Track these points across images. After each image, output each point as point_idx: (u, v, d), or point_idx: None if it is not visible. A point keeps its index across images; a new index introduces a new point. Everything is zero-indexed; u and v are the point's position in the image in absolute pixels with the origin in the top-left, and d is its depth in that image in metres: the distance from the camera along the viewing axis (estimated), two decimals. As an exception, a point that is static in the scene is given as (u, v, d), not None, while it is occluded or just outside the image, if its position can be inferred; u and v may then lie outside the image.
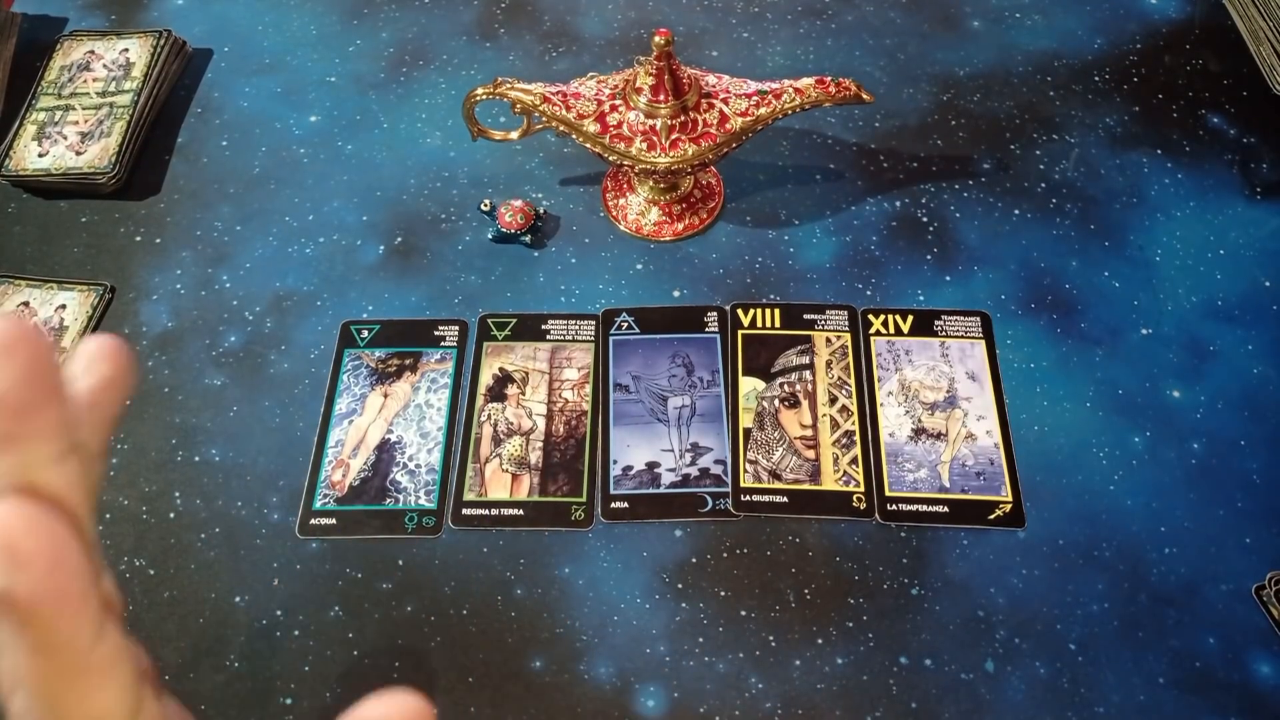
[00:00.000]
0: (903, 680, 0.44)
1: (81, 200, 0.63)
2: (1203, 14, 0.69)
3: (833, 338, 0.54)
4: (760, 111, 0.52)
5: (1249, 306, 0.55)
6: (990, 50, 0.67)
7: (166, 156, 0.65)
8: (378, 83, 0.67)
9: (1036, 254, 0.57)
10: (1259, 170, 0.60)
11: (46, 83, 0.66)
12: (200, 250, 0.60)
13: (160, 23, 0.71)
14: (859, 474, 0.50)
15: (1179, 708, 0.43)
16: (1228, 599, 0.46)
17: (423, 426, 0.52)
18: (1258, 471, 0.49)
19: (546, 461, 0.51)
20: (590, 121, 0.53)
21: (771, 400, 0.52)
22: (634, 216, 0.59)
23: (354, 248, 0.59)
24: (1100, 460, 0.50)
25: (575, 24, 0.70)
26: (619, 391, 0.53)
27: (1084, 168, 0.61)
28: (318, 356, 0.55)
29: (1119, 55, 0.67)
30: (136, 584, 0.48)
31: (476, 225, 0.60)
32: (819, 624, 0.46)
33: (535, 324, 0.55)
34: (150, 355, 0.56)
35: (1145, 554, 0.47)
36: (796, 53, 0.68)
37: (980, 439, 0.51)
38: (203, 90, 0.68)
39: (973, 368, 0.53)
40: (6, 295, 0.58)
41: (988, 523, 0.48)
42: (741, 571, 0.47)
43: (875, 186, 0.61)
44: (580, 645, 0.46)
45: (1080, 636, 0.45)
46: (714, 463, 0.50)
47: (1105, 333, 0.54)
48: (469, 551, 0.48)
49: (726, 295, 0.56)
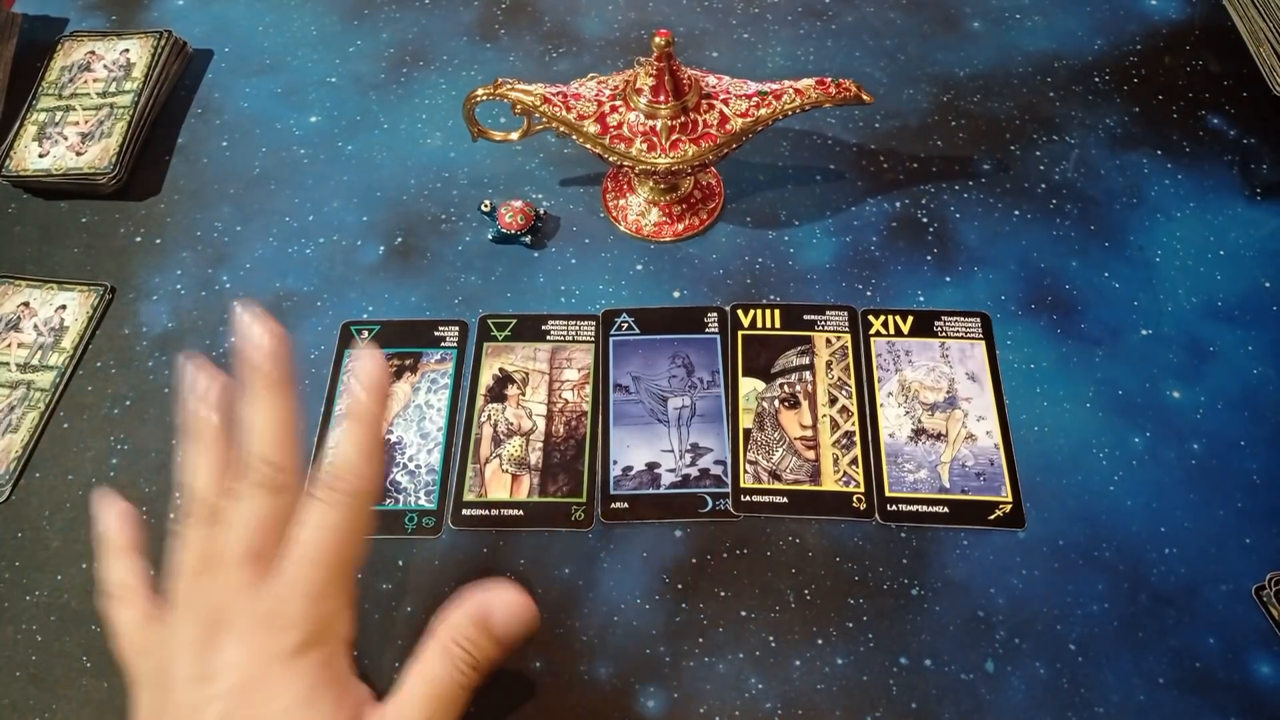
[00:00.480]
0: (903, 680, 0.44)
1: (81, 200, 0.63)
2: (1203, 15, 0.69)
3: (833, 338, 0.54)
4: (760, 112, 0.52)
5: (1249, 307, 0.55)
6: (990, 51, 0.67)
7: (167, 157, 0.65)
8: (378, 83, 0.68)
9: (1036, 254, 0.57)
10: (1259, 171, 0.61)
11: (47, 83, 0.67)
12: (200, 251, 0.60)
13: (160, 23, 0.71)
14: (859, 474, 0.50)
15: (1179, 708, 0.43)
16: (1228, 599, 0.46)
17: (423, 427, 0.52)
18: (1258, 472, 0.49)
19: (546, 462, 0.51)
20: (590, 122, 0.53)
21: (771, 401, 0.52)
22: (634, 217, 0.59)
23: (354, 248, 0.59)
24: (1100, 461, 0.50)
25: (575, 25, 0.70)
26: (619, 392, 0.53)
27: (1084, 168, 0.61)
28: (318, 357, 0.55)
29: (1119, 56, 0.67)
30: (136, 584, 0.48)
31: (476, 226, 0.60)
32: (819, 624, 0.46)
33: (535, 324, 0.55)
34: (150, 355, 0.56)
35: (1145, 554, 0.47)
36: (797, 54, 0.68)
37: (980, 439, 0.51)
38: (203, 91, 0.68)
39: (973, 368, 0.53)
40: (6, 295, 0.58)
41: (988, 523, 0.48)
42: (741, 572, 0.47)
43: (875, 187, 0.61)
44: (580, 646, 0.46)
45: (1080, 637, 0.45)
46: (714, 463, 0.50)
47: (1105, 333, 0.54)
48: (469, 552, 0.48)
49: (726, 296, 0.56)
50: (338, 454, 0.35)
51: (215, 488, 0.36)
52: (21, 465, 0.52)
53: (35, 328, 0.57)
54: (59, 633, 0.47)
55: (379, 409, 0.36)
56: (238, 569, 0.34)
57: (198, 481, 0.36)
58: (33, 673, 0.46)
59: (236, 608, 0.33)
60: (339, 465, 0.35)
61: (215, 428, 0.37)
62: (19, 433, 0.53)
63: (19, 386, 0.55)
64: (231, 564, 0.34)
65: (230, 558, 0.34)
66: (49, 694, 0.46)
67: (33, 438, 0.53)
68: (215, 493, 0.36)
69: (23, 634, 0.47)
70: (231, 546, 0.34)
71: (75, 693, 0.46)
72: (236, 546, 0.34)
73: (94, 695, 0.46)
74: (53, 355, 0.56)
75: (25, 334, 0.57)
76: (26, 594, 0.49)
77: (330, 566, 0.34)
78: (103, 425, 0.54)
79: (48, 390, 0.55)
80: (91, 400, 0.55)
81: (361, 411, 0.36)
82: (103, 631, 0.47)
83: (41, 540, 0.50)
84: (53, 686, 0.46)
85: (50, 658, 0.47)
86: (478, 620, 0.36)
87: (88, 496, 0.51)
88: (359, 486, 0.35)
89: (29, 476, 0.52)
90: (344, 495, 0.34)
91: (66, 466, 0.52)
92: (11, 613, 0.48)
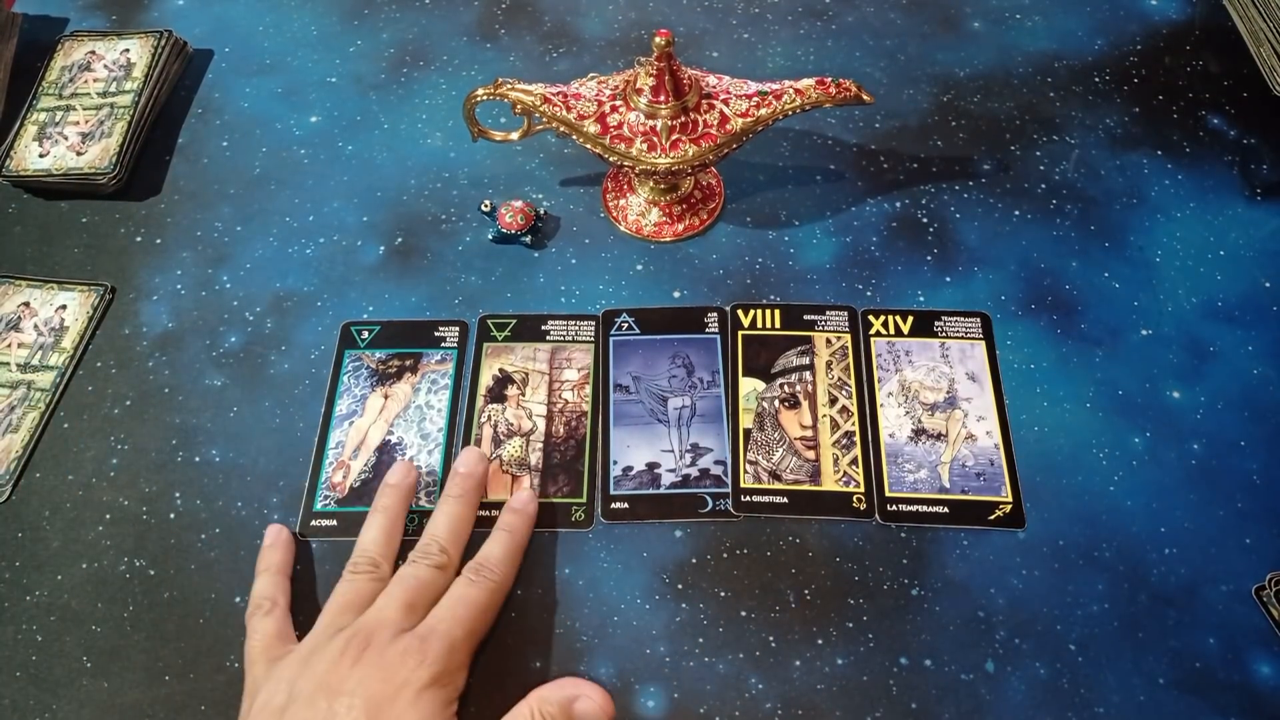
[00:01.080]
0: (903, 681, 0.44)
1: (82, 200, 0.63)
2: (1203, 15, 0.69)
3: (833, 338, 0.54)
4: (760, 112, 0.52)
5: (1249, 307, 0.55)
6: (990, 51, 0.67)
7: (167, 157, 0.65)
8: (378, 83, 0.68)
9: (1036, 255, 0.57)
10: (1259, 171, 0.61)
11: (47, 83, 0.67)
12: (200, 251, 0.60)
13: (161, 23, 0.71)
14: (859, 474, 0.50)
15: (1179, 708, 0.43)
16: (1228, 599, 0.46)
17: (423, 428, 0.52)
18: (1258, 472, 0.49)
19: (546, 462, 0.51)
20: (591, 122, 0.53)
21: (771, 401, 0.52)
22: (634, 217, 0.59)
23: (354, 248, 0.59)
24: (1100, 461, 0.50)
25: (576, 25, 0.70)
26: (619, 392, 0.53)
27: (1084, 168, 0.61)
28: (318, 357, 0.55)
29: (1119, 56, 0.67)
30: (137, 584, 0.48)
31: (477, 226, 0.60)
32: (819, 624, 0.46)
33: (535, 325, 0.55)
34: (150, 356, 0.56)
35: (1145, 554, 0.47)
36: (797, 54, 0.68)
37: (980, 439, 0.51)
38: (203, 91, 0.68)
39: (973, 368, 0.53)
40: (7, 295, 0.58)
41: (988, 523, 0.48)
42: (741, 572, 0.47)
43: (875, 187, 0.61)
44: (580, 645, 0.46)
45: (1080, 637, 0.45)
46: (714, 463, 0.50)
47: (1105, 333, 0.54)
48: (469, 552, 0.48)
49: (726, 296, 0.56)
50: (490, 549, 0.46)
51: (383, 556, 0.45)
52: (21, 465, 0.52)
53: (35, 328, 0.57)
54: (59, 633, 0.47)
55: (527, 529, 0.47)
56: (393, 611, 0.42)
57: (374, 548, 0.45)
58: (33, 673, 0.46)
59: (383, 637, 0.40)
60: (490, 557, 0.45)
61: (397, 507, 0.47)
62: (19, 433, 0.53)
63: (19, 386, 0.55)
64: (389, 606, 0.42)
65: (390, 600, 0.42)
66: (49, 694, 0.46)
67: (33, 438, 0.53)
68: (383, 559, 0.45)
69: (23, 634, 0.47)
70: (394, 593, 0.43)
71: (75, 693, 0.46)
72: (399, 594, 0.42)
73: (94, 695, 0.46)
74: (53, 355, 0.56)
75: (25, 334, 0.57)
76: (26, 594, 0.49)
77: (466, 631, 0.42)
78: (103, 425, 0.54)
79: (48, 390, 0.55)
80: (91, 400, 0.55)
81: (515, 527, 0.47)
82: (103, 631, 0.47)
83: (41, 540, 0.50)
84: (53, 686, 0.46)
85: (50, 658, 0.47)
86: (564, 703, 0.41)
87: (88, 496, 0.51)
88: (501, 578, 0.45)
89: (29, 476, 0.52)
90: (489, 581, 0.44)
91: (66, 466, 0.52)
92: (11, 613, 0.48)
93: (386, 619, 0.41)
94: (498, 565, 0.45)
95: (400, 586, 0.43)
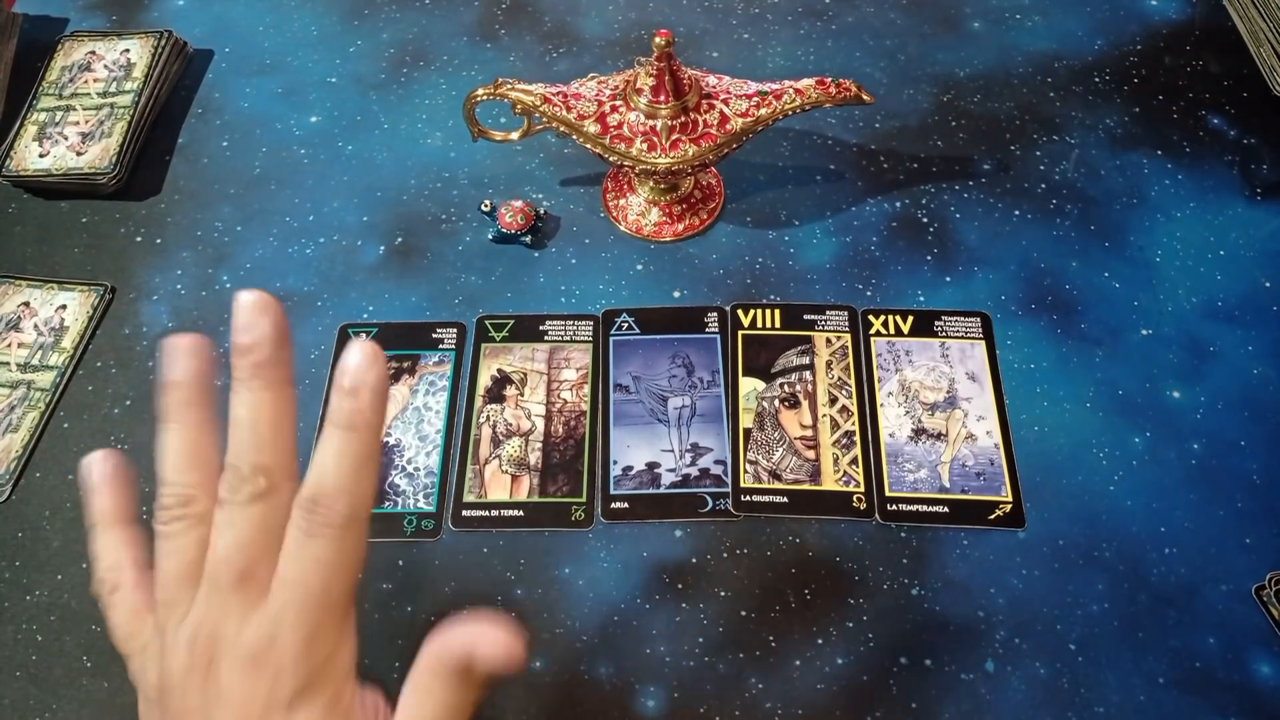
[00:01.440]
0: (903, 680, 0.44)
1: (82, 200, 0.63)
2: (1203, 15, 0.69)
3: (833, 338, 0.54)
4: (760, 112, 0.52)
5: (1249, 307, 0.55)
6: (990, 51, 0.67)
7: (167, 157, 0.65)
8: (378, 83, 0.68)
9: (1036, 254, 0.57)
10: (1259, 171, 0.60)
11: (47, 83, 0.67)
12: (200, 251, 0.60)
13: (161, 23, 0.71)
14: (859, 474, 0.50)
15: (1179, 708, 0.43)
16: (1228, 599, 0.46)
17: (421, 430, 0.52)
18: (1258, 472, 0.49)
19: (546, 462, 0.51)
20: (591, 122, 0.53)
21: (771, 400, 0.52)
22: (634, 217, 0.59)
23: (354, 248, 0.59)
24: (1100, 461, 0.50)
25: (576, 24, 0.70)
26: (619, 392, 0.53)
27: (1084, 168, 0.61)
28: (318, 357, 0.55)
29: (1119, 56, 0.67)
30: (136, 584, 0.48)
31: (477, 226, 0.60)
32: (819, 624, 0.46)
33: (533, 325, 0.55)
34: (150, 356, 0.56)
35: (1145, 554, 0.47)
36: (797, 54, 0.68)
37: (980, 439, 0.51)
38: (203, 91, 0.68)
39: (973, 368, 0.53)
40: (7, 295, 0.58)
41: (988, 523, 0.48)
42: (741, 572, 0.47)
43: (875, 187, 0.61)
44: (580, 645, 0.46)
45: (1080, 637, 0.45)
46: (714, 463, 0.50)
47: (1105, 333, 0.54)
48: (469, 552, 0.48)
49: (726, 296, 0.56)
50: (320, 470, 0.29)
51: (195, 483, 0.31)
52: (21, 465, 0.52)
53: (35, 327, 0.57)
54: (59, 633, 0.47)
55: (375, 416, 0.29)
56: (228, 593, 0.30)
57: (178, 476, 0.31)
58: (33, 673, 0.46)
59: (229, 641, 0.29)
60: (323, 486, 0.29)
61: (195, 409, 0.32)
62: (19, 432, 0.53)
63: (19, 386, 0.55)
64: (222, 587, 0.30)
65: (220, 580, 0.30)
66: (49, 694, 0.46)
67: (33, 438, 0.53)
68: (195, 487, 0.31)
69: (23, 634, 0.47)
70: (221, 569, 0.30)
71: (75, 693, 0.46)
72: (226, 569, 0.30)
73: (94, 695, 0.46)
74: (53, 355, 0.56)
75: (25, 334, 0.57)
76: (26, 594, 0.49)
77: (322, 607, 0.30)
78: (103, 425, 0.54)
79: (48, 390, 0.55)
80: (91, 400, 0.55)
81: (353, 417, 0.29)
82: (103, 631, 0.47)
83: (41, 540, 0.50)
84: (53, 686, 0.46)
85: (50, 658, 0.47)
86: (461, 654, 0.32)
87: (88, 496, 0.51)
88: (347, 513, 0.29)
89: (29, 476, 0.52)
90: (330, 526, 0.29)
91: (66, 466, 0.52)
92: (11, 613, 0.48)
93: (222, 609, 0.30)
94: (337, 495, 0.29)
95: (224, 555, 0.30)
